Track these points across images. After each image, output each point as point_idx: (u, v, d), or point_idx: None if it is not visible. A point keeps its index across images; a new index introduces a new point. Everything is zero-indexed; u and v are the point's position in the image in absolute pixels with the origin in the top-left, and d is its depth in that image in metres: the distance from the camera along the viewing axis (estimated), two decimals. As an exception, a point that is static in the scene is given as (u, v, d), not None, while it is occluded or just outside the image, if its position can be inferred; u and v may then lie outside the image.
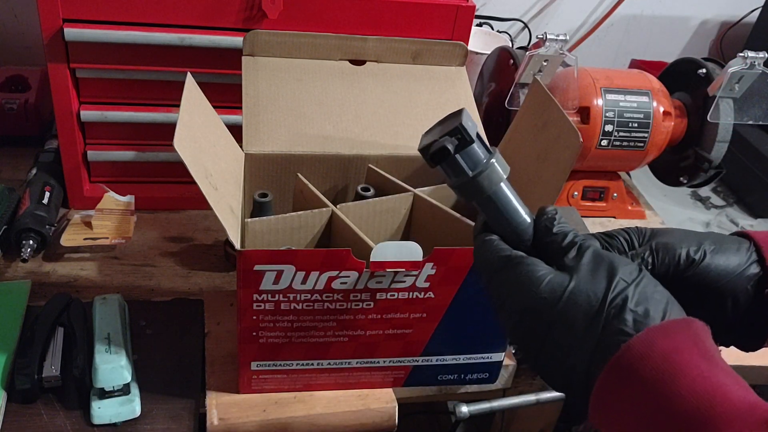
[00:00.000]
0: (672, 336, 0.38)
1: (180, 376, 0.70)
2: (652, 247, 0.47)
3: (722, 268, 0.46)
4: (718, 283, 0.46)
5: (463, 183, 0.46)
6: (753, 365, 0.82)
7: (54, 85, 0.83)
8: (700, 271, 0.46)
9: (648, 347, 0.38)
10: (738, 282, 0.46)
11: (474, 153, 0.45)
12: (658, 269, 0.46)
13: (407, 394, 0.73)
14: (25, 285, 0.78)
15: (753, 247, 0.47)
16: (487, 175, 0.46)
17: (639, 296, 0.40)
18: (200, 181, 0.56)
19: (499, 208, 0.46)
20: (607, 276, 0.41)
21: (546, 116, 0.70)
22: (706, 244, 0.46)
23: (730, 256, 0.46)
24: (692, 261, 0.46)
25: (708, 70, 1.03)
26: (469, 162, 0.45)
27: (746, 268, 0.46)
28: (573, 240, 0.44)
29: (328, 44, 0.79)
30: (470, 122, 0.45)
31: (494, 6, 1.38)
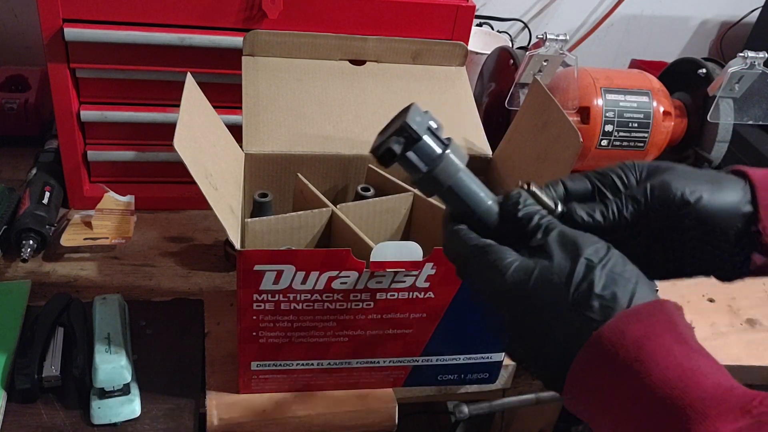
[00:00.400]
0: (644, 321, 0.38)
1: (180, 376, 0.70)
2: (647, 188, 0.46)
3: (717, 208, 0.45)
4: (713, 220, 0.45)
5: (420, 179, 0.46)
6: (753, 365, 0.82)
7: (54, 85, 0.83)
8: (696, 210, 0.45)
9: (619, 334, 0.37)
10: (732, 220, 0.46)
11: (424, 149, 0.45)
12: (653, 207, 0.46)
13: (407, 394, 0.73)
14: (25, 285, 0.78)
15: (748, 186, 0.47)
16: (442, 169, 0.45)
17: (606, 279, 0.39)
18: (200, 181, 0.56)
19: (462, 198, 0.46)
20: (572, 259, 0.40)
21: (546, 116, 0.70)
22: (703, 185, 0.46)
23: (726, 196, 0.46)
24: (687, 202, 0.45)
25: (708, 70, 1.03)
26: (422, 158, 0.45)
27: (740, 207, 0.46)
28: (538, 223, 0.43)
29: (328, 44, 0.79)
30: (419, 117, 0.45)
31: (494, 6, 1.38)
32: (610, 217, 0.46)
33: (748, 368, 0.82)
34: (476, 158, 0.78)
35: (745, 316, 0.90)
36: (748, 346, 0.84)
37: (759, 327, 0.88)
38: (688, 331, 0.39)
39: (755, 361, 0.82)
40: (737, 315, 0.90)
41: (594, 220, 0.46)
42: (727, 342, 0.85)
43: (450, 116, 0.80)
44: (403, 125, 0.44)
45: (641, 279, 0.40)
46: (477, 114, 0.82)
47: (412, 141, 0.45)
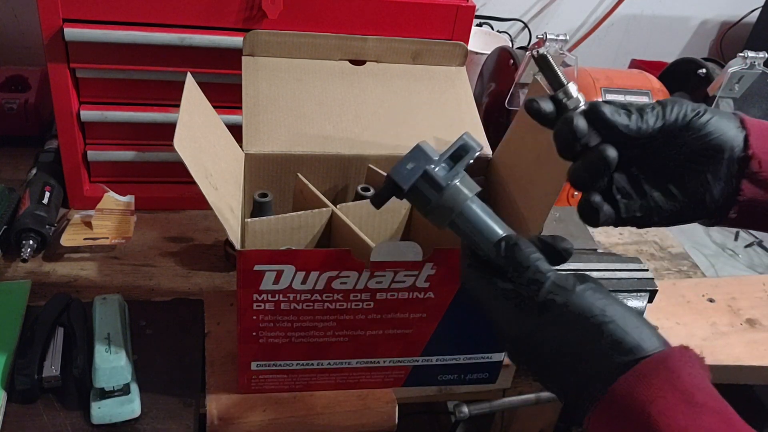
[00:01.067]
0: (649, 381, 0.40)
1: (180, 376, 0.70)
2: (661, 101, 0.49)
3: (720, 124, 0.49)
4: (716, 136, 0.48)
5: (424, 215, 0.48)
6: (753, 365, 0.82)
7: (54, 85, 0.83)
8: (703, 121, 0.48)
9: (628, 398, 0.39)
10: (732, 138, 0.49)
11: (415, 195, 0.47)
12: (669, 117, 0.48)
13: (407, 394, 0.73)
14: (25, 285, 0.78)
15: (739, 118, 0.50)
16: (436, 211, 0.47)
17: (608, 336, 0.42)
18: (200, 181, 0.56)
19: (466, 234, 0.48)
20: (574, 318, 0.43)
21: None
22: (704, 105, 0.50)
23: (724, 117, 0.49)
24: (697, 112, 0.49)
25: (708, 70, 1.03)
26: (418, 199, 0.47)
27: (737, 128, 0.49)
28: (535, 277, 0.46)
29: (328, 44, 0.79)
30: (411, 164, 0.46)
31: (494, 6, 1.38)
32: (634, 118, 0.48)
33: (748, 368, 0.82)
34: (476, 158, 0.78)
35: (745, 316, 0.90)
36: (748, 346, 0.84)
37: (759, 327, 0.88)
38: (695, 380, 0.40)
39: (755, 361, 0.82)
40: (737, 315, 0.90)
41: (620, 117, 0.48)
42: (727, 342, 0.85)
43: (450, 116, 0.80)
44: (387, 177, 0.47)
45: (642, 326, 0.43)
46: (477, 114, 0.82)
47: (400, 191, 0.47)
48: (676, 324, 0.86)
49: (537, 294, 0.45)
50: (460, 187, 0.47)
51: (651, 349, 0.42)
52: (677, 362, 0.40)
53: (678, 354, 0.41)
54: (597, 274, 0.75)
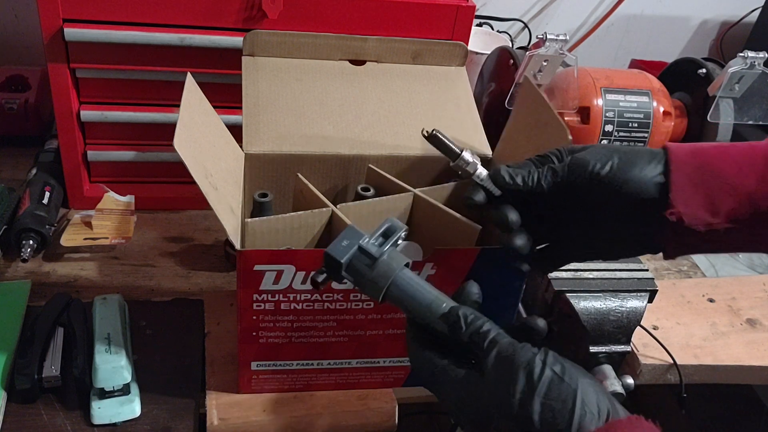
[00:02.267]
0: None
1: (180, 376, 0.70)
2: (565, 161, 0.51)
3: (628, 177, 0.48)
4: (625, 190, 0.48)
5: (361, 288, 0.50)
6: (753, 365, 0.82)
7: (54, 85, 0.83)
8: (608, 179, 0.49)
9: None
10: (644, 191, 0.48)
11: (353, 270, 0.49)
12: (568, 178, 0.50)
13: (407, 394, 0.73)
14: (25, 285, 0.78)
15: (664, 159, 0.49)
16: (371, 283, 0.49)
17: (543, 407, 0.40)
18: (200, 181, 0.56)
19: (403, 303, 0.49)
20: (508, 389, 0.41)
21: (537, 115, 0.70)
22: (616, 157, 0.49)
23: (637, 168, 0.49)
24: (598, 173, 0.49)
25: (708, 70, 1.03)
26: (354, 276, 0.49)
27: (652, 179, 0.48)
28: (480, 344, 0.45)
29: (328, 44, 0.79)
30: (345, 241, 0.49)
31: (494, 6, 1.38)
32: (529, 182, 0.51)
33: (748, 368, 0.82)
34: (476, 158, 0.78)
35: (745, 316, 0.90)
36: (748, 346, 0.84)
37: (759, 327, 0.88)
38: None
39: (755, 361, 0.82)
40: (737, 315, 0.90)
41: (514, 182, 0.51)
42: (727, 342, 0.85)
43: (450, 116, 0.80)
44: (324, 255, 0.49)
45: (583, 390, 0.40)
46: (477, 114, 0.82)
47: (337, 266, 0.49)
48: (676, 324, 0.86)
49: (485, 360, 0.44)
50: (389, 261, 0.49)
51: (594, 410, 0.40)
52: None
53: (626, 423, 0.39)
54: (597, 274, 0.76)
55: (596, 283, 0.75)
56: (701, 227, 0.47)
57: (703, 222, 0.47)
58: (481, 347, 0.45)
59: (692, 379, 0.81)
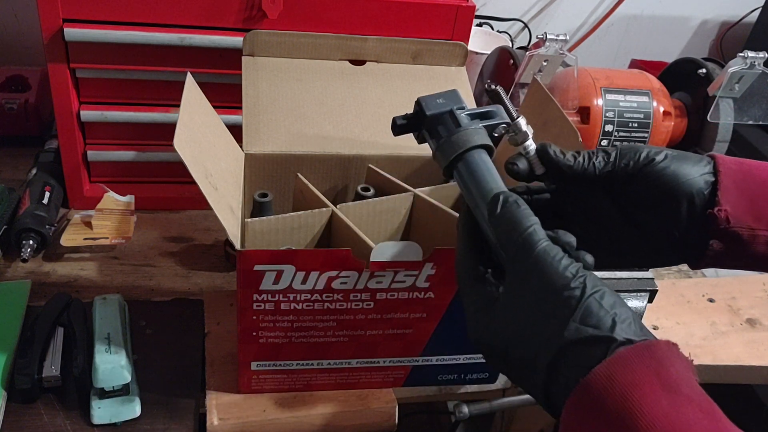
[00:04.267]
0: (632, 367, 0.37)
1: (180, 376, 0.70)
2: (618, 147, 0.49)
3: (680, 172, 0.48)
4: (675, 183, 0.47)
5: (433, 155, 0.48)
6: (753, 365, 0.82)
7: (54, 85, 0.83)
8: (659, 169, 0.47)
9: (607, 382, 0.37)
10: (694, 187, 0.47)
11: (433, 126, 0.47)
12: (620, 162, 0.48)
13: (407, 394, 0.73)
14: (25, 285, 0.78)
15: (712, 163, 0.49)
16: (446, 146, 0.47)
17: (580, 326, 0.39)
18: (200, 181, 0.56)
19: (465, 176, 0.47)
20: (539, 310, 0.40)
21: (545, 116, 0.70)
22: (669, 152, 0.49)
23: (688, 164, 0.48)
24: (652, 159, 0.48)
25: (708, 70, 1.03)
26: (433, 134, 0.47)
27: (702, 176, 0.48)
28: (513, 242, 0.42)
29: (328, 44, 0.79)
30: (442, 100, 0.47)
31: (494, 6, 1.38)
32: (580, 161, 0.49)
33: (748, 368, 0.82)
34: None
35: (745, 315, 0.90)
36: (748, 346, 0.84)
37: (759, 327, 0.88)
38: (680, 373, 0.38)
39: (755, 361, 0.82)
40: (737, 315, 0.90)
41: (565, 157, 0.49)
42: (727, 342, 0.85)
43: (450, 116, 0.80)
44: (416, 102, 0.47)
45: (622, 318, 0.39)
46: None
47: (421, 117, 0.47)
48: (676, 324, 0.86)
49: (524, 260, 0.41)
50: (475, 132, 0.47)
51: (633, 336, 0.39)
52: (664, 353, 0.38)
53: (665, 345, 0.38)
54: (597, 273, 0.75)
55: (596, 283, 0.75)
56: (745, 232, 0.47)
57: (746, 226, 0.47)
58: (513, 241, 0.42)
59: (692, 379, 0.81)
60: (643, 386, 0.36)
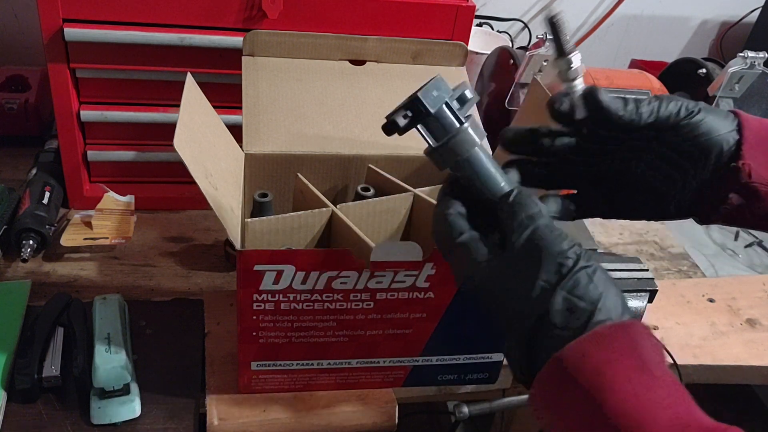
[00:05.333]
0: (605, 345, 0.38)
1: (180, 376, 0.70)
2: (660, 97, 0.50)
3: (712, 125, 0.49)
4: (708, 137, 0.49)
5: (431, 152, 0.46)
6: (753, 365, 0.82)
7: (54, 85, 0.83)
8: (695, 121, 0.49)
9: (580, 358, 0.37)
10: (723, 141, 0.49)
11: (436, 123, 0.45)
12: (663, 113, 0.49)
13: (407, 394, 0.73)
14: (25, 285, 0.78)
15: (737, 120, 0.50)
16: (451, 147, 0.45)
17: (564, 300, 0.39)
18: (200, 181, 0.56)
19: (471, 174, 0.46)
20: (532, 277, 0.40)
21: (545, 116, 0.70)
22: (702, 104, 0.50)
23: (719, 118, 0.49)
24: (691, 111, 0.49)
25: (708, 70, 1.03)
26: (433, 132, 0.46)
27: (730, 132, 0.49)
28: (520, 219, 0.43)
29: (328, 44, 0.79)
30: (435, 92, 0.45)
31: (494, 6, 1.38)
32: (630, 109, 0.49)
33: (747, 368, 0.82)
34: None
35: (745, 315, 0.90)
36: (748, 346, 0.84)
37: (759, 327, 0.88)
38: (652, 354, 0.38)
39: (755, 361, 0.82)
40: (737, 315, 0.90)
41: (614, 105, 0.48)
42: (727, 342, 0.85)
43: (450, 116, 0.80)
44: (414, 99, 0.44)
45: (607, 295, 0.40)
46: (477, 114, 0.82)
47: (422, 115, 0.45)
48: (676, 324, 0.86)
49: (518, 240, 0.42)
50: (474, 130, 0.46)
51: (614, 315, 0.39)
52: (638, 334, 0.39)
53: (640, 327, 0.39)
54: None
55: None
56: (763, 187, 0.49)
57: (765, 182, 0.49)
58: (518, 218, 0.43)
59: (692, 379, 0.81)
60: (616, 363, 0.37)
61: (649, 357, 0.38)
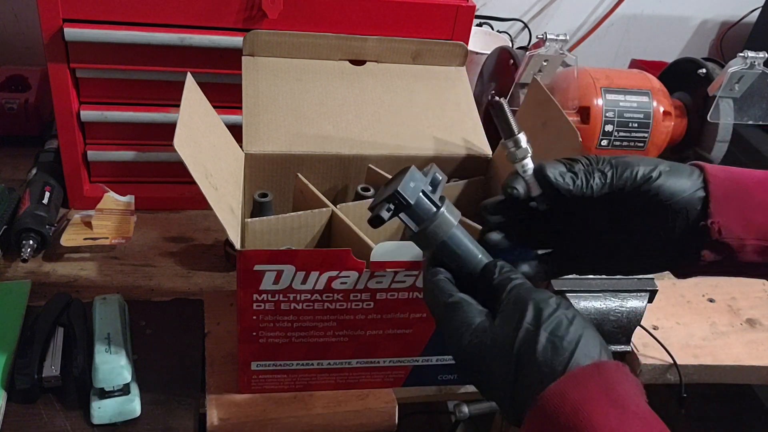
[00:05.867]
0: (582, 385, 0.40)
1: (180, 376, 0.70)
2: (612, 162, 0.49)
3: (675, 188, 0.48)
4: (671, 200, 0.48)
5: (413, 236, 0.50)
6: (753, 365, 0.82)
7: (54, 85, 0.83)
8: (655, 187, 0.48)
9: (560, 399, 0.39)
10: (688, 202, 0.48)
11: (416, 211, 0.49)
12: (617, 183, 0.48)
13: (407, 394, 0.73)
14: (25, 285, 0.78)
15: (702, 175, 0.49)
16: (432, 230, 0.49)
17: (546, 343, 0.41)
18: (200, 181, 0.56)
19: (453, 252, 0.49)
20: (517, 322, 0.43)
21: (545, 116, 0.70)
22: (662, 166, 0.49)
23: (682, 178, 0.48)
24: (648, 178, 0.48)
25: (708, 70, 1.03)
26: (414, 219, 0.49)
27: (695, 192, 0.48)
28: (504, 287, 0.46)
29: (328, 44, 0.79)
30: (412, 183, 0.48)
31: (494, 6, 1.38)
32: (578, 184, 0.49)
33: (747, 368, 0.82)
34: (476, 158, 0.78)
35: (745, 316, 0.90)
36: (748, 346, 0.84)
37: (759, 327, 0.88)
38: (628, 391, 0.40)
39: (755, 361, 0.82)
40: (737, 315, 0.90)
41: (564, 180, 0.49)
42: (727, 342, 0.85)
43: (450, 116, 0.80)
44: (394, 193, 0.48)
45: (586, 336, 0.42)
46: (477, 114, 0.82)
47: (403, 207, 0.48)
48: (676, 324, 0.86)
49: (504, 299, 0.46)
50: (450, 213, 0.49)
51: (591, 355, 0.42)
52: (612, 373, 0.41)
53: (614, 366, 0.41)
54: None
55: (596, 283, 0.75)
56: (734, 242, 0.48)
57: (736, 236, 0.48)
58: (504, 288, 0.46)
59: (692, 379, 0.81)
60: (592, 402, 0.39)
61: (625, 394, 0.40)
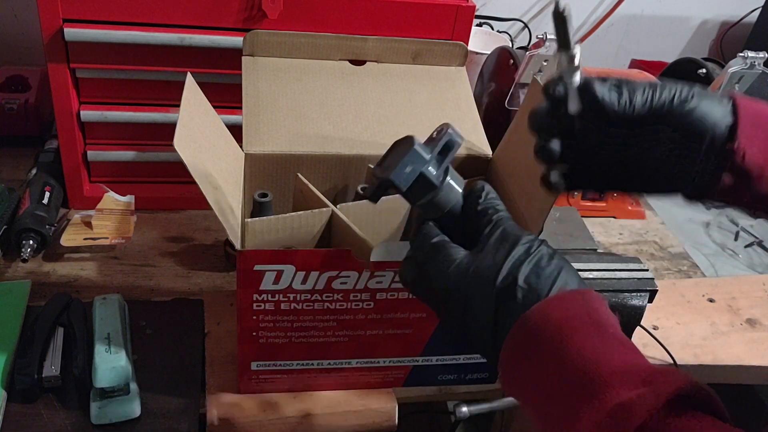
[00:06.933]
0: (566, 305, 0.43)
1: (180, 376, 0.70)
2: (651, 83, 0.51)
3: (706, 110, 0.50)
4: (703, 121, 0.50)
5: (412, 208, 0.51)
6: (753, 365, 0.82)
7: (54, 85, 0.83)
8: (689, 109, 0.50)
9: (544, 317, 0.42)
10: (716, 126, 0.50)
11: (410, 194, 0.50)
12: (656, 103, 0.50)
13: (407, 394, 0.73)
14: (25, 285, 0.78)
15: (732, 102, 0.51)
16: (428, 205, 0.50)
17: (529, 272, 0.44)
18: (200, 181, 0.56)
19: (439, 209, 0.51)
20: (505, 254, 0.46)
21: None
22: (696, 89, 0.51)
23: (714, 103, 0.51)
24: (685, 99, 0.50)
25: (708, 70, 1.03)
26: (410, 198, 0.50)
27: (724, 117, 0.50)
28: (489, 218, 0.49)
29: (328, 44, 0.79)
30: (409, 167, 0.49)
31: (494, 6, 1.38)
32: (623, 101, 0.50)
33: (748, 368, 0.82)
34: (476, 158, 0.78)
35: (745, 315, 0.90)
36: (748, 346, 0.84)
37: (759, 327, 0.88)
38: (606, 318, 0.43)
39: (755, 361, 0.82)
40: (737, 315, 0.90)
41: (609, 98, 0.50)
42: (727, 342, 0.85)
43: (450, 116, 0.80)
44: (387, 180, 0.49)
45: (566, 271, 0.45)
46: (477, 114, 0.82)
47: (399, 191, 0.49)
48: (676, 324, 0.86)
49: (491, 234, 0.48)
50: (452, 185, 0.50)
51: (571, 285, 0.45)
52: (595, 299, 0.44)
53: (596, 295, 0.44)
54: (597, 273, 0.76)
55: (596, 283, 0.75)
56: (755, 170, 0.50)
57: (757, 165, 0.50)
58: (490, 220, 0.49)
59: (692, 379, 0.81)
60: (575, 320, 0.42)
61: (604, 319, 0.43)
